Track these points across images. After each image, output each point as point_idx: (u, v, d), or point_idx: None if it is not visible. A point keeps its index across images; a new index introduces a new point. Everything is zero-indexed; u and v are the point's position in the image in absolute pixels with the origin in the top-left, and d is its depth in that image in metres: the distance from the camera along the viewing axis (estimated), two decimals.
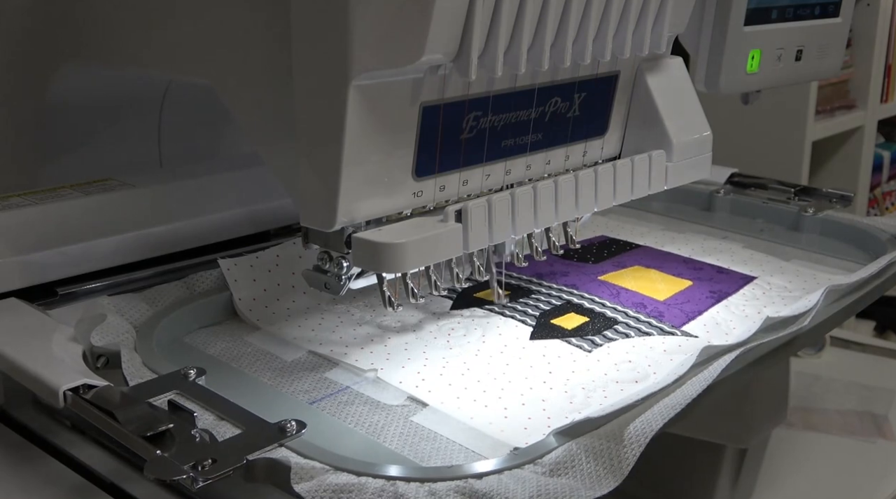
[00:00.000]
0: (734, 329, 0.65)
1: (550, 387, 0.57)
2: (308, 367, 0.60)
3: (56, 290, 0.65)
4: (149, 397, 0.51)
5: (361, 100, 0.49)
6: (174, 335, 0.63)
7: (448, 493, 0.44)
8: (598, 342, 0.62)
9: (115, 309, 0.61)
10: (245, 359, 0.61)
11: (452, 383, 0.57)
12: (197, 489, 0.44)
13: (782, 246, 0.83)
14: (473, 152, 0.57)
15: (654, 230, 0.87)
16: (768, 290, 0.72)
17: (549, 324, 0.65)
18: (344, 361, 0.60)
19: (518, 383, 0.58)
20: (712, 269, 0.76)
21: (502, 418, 0.54)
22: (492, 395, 0.56)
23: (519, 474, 0.46)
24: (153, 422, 0.48)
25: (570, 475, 0.46)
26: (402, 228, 0.54)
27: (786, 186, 0.91)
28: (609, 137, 0.66)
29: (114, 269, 0.69)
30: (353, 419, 0.54)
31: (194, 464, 0.45)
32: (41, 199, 0.69)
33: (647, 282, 0.73)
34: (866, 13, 2.05)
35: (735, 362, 0.55)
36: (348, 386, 0.58)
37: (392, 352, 0.61)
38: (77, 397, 0.50)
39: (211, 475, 0.44)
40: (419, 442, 0.52)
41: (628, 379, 0.58)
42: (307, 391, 0.57)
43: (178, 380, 0.53)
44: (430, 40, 0.48)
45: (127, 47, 0.67)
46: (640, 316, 0.66)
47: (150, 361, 0.57)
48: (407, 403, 0.56)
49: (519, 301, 0.69)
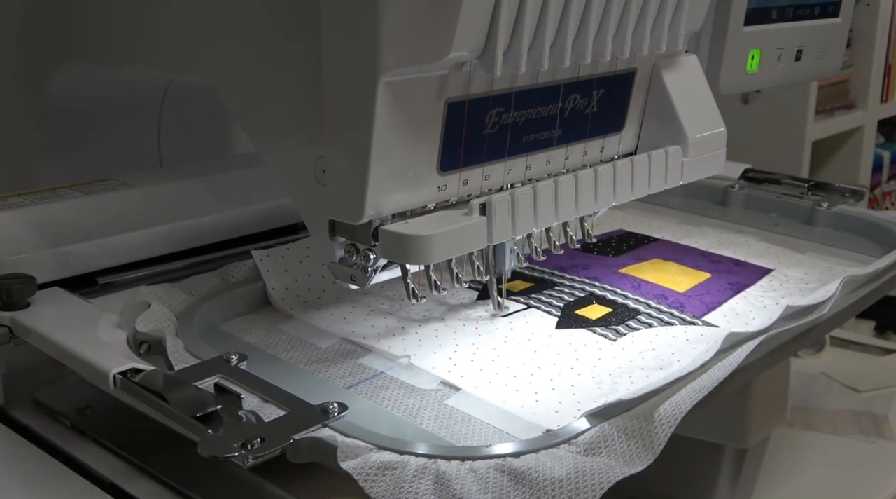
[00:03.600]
0: (754, 319, 0.67)
1: (578, 373, 0.59)
2: (342, 353, 0.62)
3: (96, 280, 0.67)
4: (194, 381, 0.53)
5: (390, 96, 0.50)
6: (211, 323, 0.65)
7: (488, 470, 0.46)
8: (622, 332, 0.64)
9: (155, 298, 0.63)
10: (280, 346, 0.63)
11: (483, 369, 0.59)
12: (248, 466, 0.46)
13: (797, 239, 0.84)
14: (496, 147, 0.58)
15: (671, 224, 0.88)
16: (785, 281, 0.74)
17: (574, 314, 0.67)
18: (377, 348, 0.62)
19: (547, 368, 0.59)
20: (730, 261, 0.78)
21: (534, 401, 0.56)
22: (522, 380, 0.58)
23: (555, 452, 0.48)
24: (202, 403, 0.50)
25: (605, 454, 0.48)
26: (429, 221, 0.55)
27: (799, 181, 0.93)
28: (626, 133, 0.68)
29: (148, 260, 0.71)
30: (390, 403, 0.56)
31: (243, 443, 0.47)
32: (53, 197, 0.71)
33: (667, 274, 0.75)
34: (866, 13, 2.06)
35: (757, 349, 0.57)
36: (382, 371, 0.60)
37: (423, 339, 0.63)
38: (126, 379, 0.52)
39: (261, 453, 0.46)
40: (454, 424, 0.54)
41: (653, 366, 0.60)
42: (343, 377, 0.59)
43: (220, 365, 0.55)
44: (457, 38, 0.49)
45: (127, 47, 0.68)
46: (662, 307, 0.68)
47: (191, 347, 0.59)
48: (440, 387, 0.58)
49: (543, 293, 0.71)
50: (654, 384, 0.53)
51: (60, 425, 0.59)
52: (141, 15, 0.65)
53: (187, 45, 0.62)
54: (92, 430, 0.58)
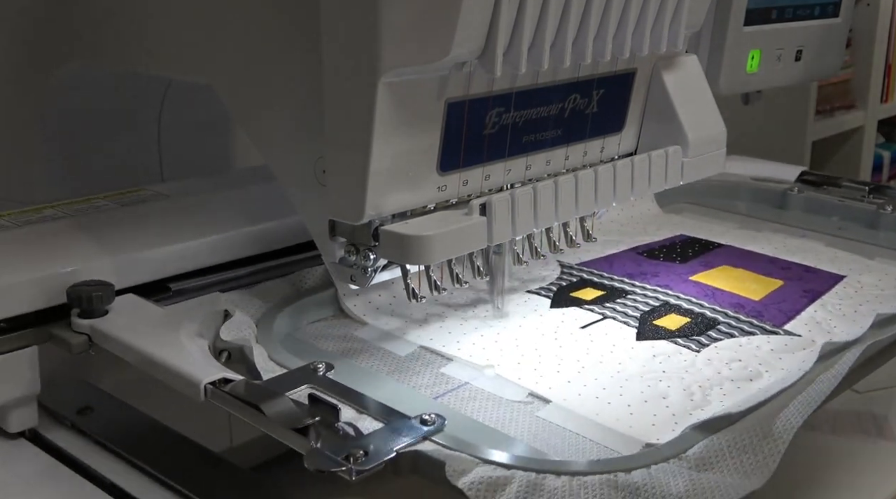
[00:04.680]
0: (835, 328, 0.66)
1: (668, 385, 0.58)
2: (423, 362, 0.61)
3: (168, 286, 0.66)
4: (285, 391, 0.52)
5: (390, 96, 0.51)
6: (287, 331, 0.64)
7: (601, 487, 0.45)
8: (704, 342, 0.63)
9: (233, 305, 0.62)
10: (359, 354, 0.62)
11: (571, 381, 0.58)
12: (354, 481, 0.45)
13: (863, 244, 0.83)
14: (496, 148, 0.59)
15: (731, 229, 0.87)
16: (860, 288, 0.73)
17: (653, 325, 0.66)
18: (458, 357, 0.61)
19: (634, 381, 0.58)
20: (800, 268, 0.77)
21: (628, 414, 0.54)
22: (612, 392, 0.57)
23: (666, 467, 0.47)
24: (300, 415, 0.49)
25: (717, 470, 0.47)
26: (429, 221, 0.55)
27: (858, 184, 0.92)
28: (626, 133, 0.68)
29: (215, 267, 0.70)
30: (480, 414, 0.55)
31: (346, 456, 0.46)
32: (128, 201, 0.70)
33: (739, 281, 0.74)
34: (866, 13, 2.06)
35: (858, 358, 0.56)
36: (468, 382, 0.58)
37: (504, 348, 0.62)
38: (217, 390, 0.51)
39: (366, 467, 0.45)
40: (549, 437, 0.52)
41: (742, 377, 0.59)
42: (428, 386, 0.58)
43: (308, 374, 0.55)
44: (457, 38, 0.50)
45: (127, 48, 0.68)
46: (741, 316, 0.67)
47: (273, 355, 0.58)
48: (529, 399, 0.57)
49: (617, 302, 0.70)
50: (755, 397, 0.52)
51: (60, 425, 0.58)
52: (141, 15, 0.65)
53: (187, 45, 0.63)
54: (92, 430, 0.58)
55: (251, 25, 0.58)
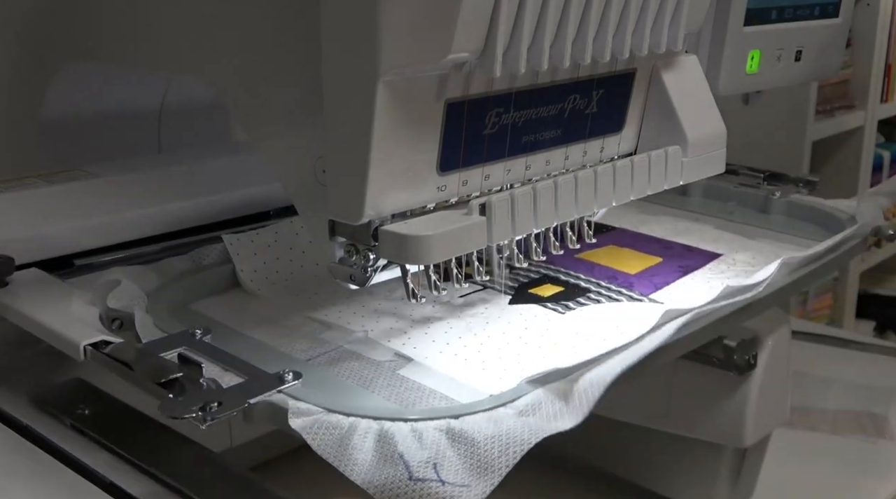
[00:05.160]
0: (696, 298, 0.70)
1: (525, 342, 0.62)
2: (307, 331, 0.65)
3: (73, 262, 0.70)
4: (160, 352, 0.56)
5: (389, 96, 0.51)
6: (181, 302, 0.68)
7: (426, 430, 0.49)
8: (571, 307, 0.68)
9: (128, 277, 0.66)
10: (247, 323, 0.66)
11: (436, 340, 0.63)
12: (204, 427, 0.49)
13: (750, 227, 0.87)
14: (495, 148, 0.59)
15: (630, 212, 0.92)
16: (733, 264, 0.77)
17: (527, 293, 0.70)
18: (337, 324, 0.66)
19: (496, 339, 0.63)
20: (681, 247, 0.81)
21: (480, 370, 0.59)
22: (471, 350, 0.61)
23: (491, 414, 0.51)
24: (165, 371, 0.53)
25: (537, 416, 0.51)
26: (429, 221, 0.56)
27: (755, 172, 0.96)
28: (626, 134, 0.68)
29: (124, 244, 0.75)
30: (345, 373, 0.59)
31: (202, 406, 0.50)
32: (27, 185, 0.73)
33: (621, 258, 0.78)
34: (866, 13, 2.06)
35: (692, 325, 0.61)
36: (341, 345, 0.63)
37: (382, 316, 0.67)
38: (96, 351, 0.56)
39: (218, 415, 0.50)
40: (404, 391, 0.57)
41: (597, 337, 0.63)
42: (303, 350, 0.62)
43: (186, 338, 0.59)
44: (456, 38, 0.50)
45: (127, 47, 0.69)
46: (612, 286, 0.72)
47: (160, 323, 0.62)
48: (394, 359, 0.61)
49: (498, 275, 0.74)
50: (591, 355, 0.56)
51: (60, 424, 0.59)
52: (141, 15, 0.67)
53: (187, 44, 0.63)
54: (92, 430, 0.59)
55: (251, 24, 0.58)
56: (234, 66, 0.61)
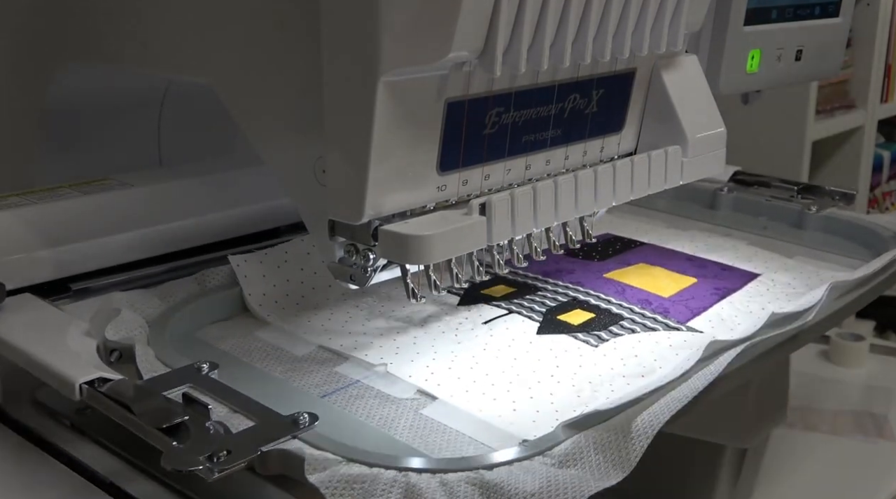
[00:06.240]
0: (739, 325, 0.66)
1: (558, 381, 0.58)
2: (318, 361, 0.61)
3: (69, 286, 0.66)
4: (163, 390, 0.52)
5: (390, 96, 0.50)
6: (186, 330, 0.64)
7: (459, 484, 0.45)
8: (604, 337, 0.63)
9: (128, 304, 0.62)
10: (256, 353, 0.62)
11: (461, 377, 0.58)
12: (212, 480, 0.45)
13: (786, 243, 0.84)
14: (495, 147, 0.58)
15: (658, 228, 0.87)
16: (772, 286, 0.73)
17: (556, 320, 0.66)
18: (354, 356, 0.61)
19: (526, 376, 0.58)
20: (716, 266, 0.77)
21: (511, 410, 0.54)
22: (500, 388, 0.57)
23: (528, 465, 0.46)
24: (169, 414, 0.49)
25: (579, 467, 0.46)
26: (429, 221, 0.55)
27: (789, 184, 0.92)
28: (626, 133, 0.67)
29: (125, 265, 0.70)
30: (364, 412, 0.55)
31: (210, 455, 0.46)
32: (42, 198, 0.70)
33: (652, 279, 0.74)
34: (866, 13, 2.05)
35: (740, 357, 0.56)
36: (358, 380, 0.58)
37: (401, 346, 0.62)
38: (93, 389, 0.51)
39: (226, 466, 0.45)
40: (429, 434, 0.53)
41: (634, 373, 0.59)
42: (318, 385, 0.58)
43: (191, 374, 0.54)
44: (456, 37, 0.49)
45: (127, 47, 0.67)
46: (646, 312, 0.67)
47: (162, 355, 0.58)
48: (417, 396, 0.57)
49: (525, 298, 0.70)
50: (632, 394, 0.51)
51: (60, 425, 0.58)
52: (141, 15, 0.65)
53: (187, 45, 0.62)
54: (92, 430, 0.57)
55: (251, 25, 0.57)
56: (233, 66, 0.59)
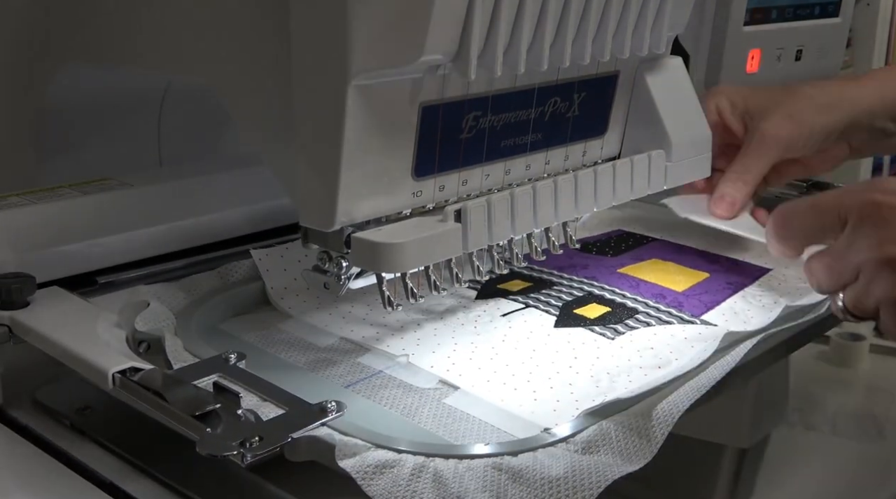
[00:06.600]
0: (752, 318, 0.67)
1: (577, 371, 0.59)
2: (341, 352, 0.62)
3: (96, 279, 0.67)
4: (193, 380, 0.53)
5: (361, 100, 0.49)
6: (210, 322, 0.65)
7: (486, 469, 0.46)
8: (620, 330, 0.64)
9: (155, 297, 0.63)
10: (280, 345, 0.63)
11: (482, 367, 0.59)
12: (246, 465, 0.46)
13: None
14: (473, 152, 0.57)
15: (670, 224, 0.88)
16: (784, 281, 0.74)
17: (572, 313, 0.67)
18: (376, 347, 0.62)
19: (545, 367, 0.60)
20: (728, 261, 0.78)
21: (532, 400, 0.56)
22: (520, 378, 0.58)
23: (552, 451, 0.48)
24: (201, 402, 0.50)
25: (602, 452, 0.48)
26: (402, 228, 0.54)
27: (798, 181, 0.93)
28: (608, 137, 0.67)
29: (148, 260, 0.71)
30: (388, 401, 0.56)
31: (242, 441, 0.47)
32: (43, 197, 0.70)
33: (666, 274, 0.75)
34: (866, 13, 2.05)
35: (756, 348, 0.57)
36: (381, 370, 0.60)
37: (422, 338, 0.63)
38: (125, 378, 0.52)
39: (259, 452, 0.46)
40: (452, 423, 0.54)
41: (651, 365, 0.60)
42: (341, 375, 0.59)
43: (219, 364, 0.56)
44: (429, 40, 0.49)
45: (127, 47, 0.67)
46: (661, 306, 0.68)
47: (190, 346, 0.59)
48: (439, 386, 0.58)
49: (541, 292, 0.71)
50: (652, 383, 0.53)
51: (60, 425, 0.58)
52: (140, 15, 0.65)
53: (187, 45, 0.62)
54: (92, 430, 0.58)
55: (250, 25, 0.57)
56: (232, 67, 0.59)
